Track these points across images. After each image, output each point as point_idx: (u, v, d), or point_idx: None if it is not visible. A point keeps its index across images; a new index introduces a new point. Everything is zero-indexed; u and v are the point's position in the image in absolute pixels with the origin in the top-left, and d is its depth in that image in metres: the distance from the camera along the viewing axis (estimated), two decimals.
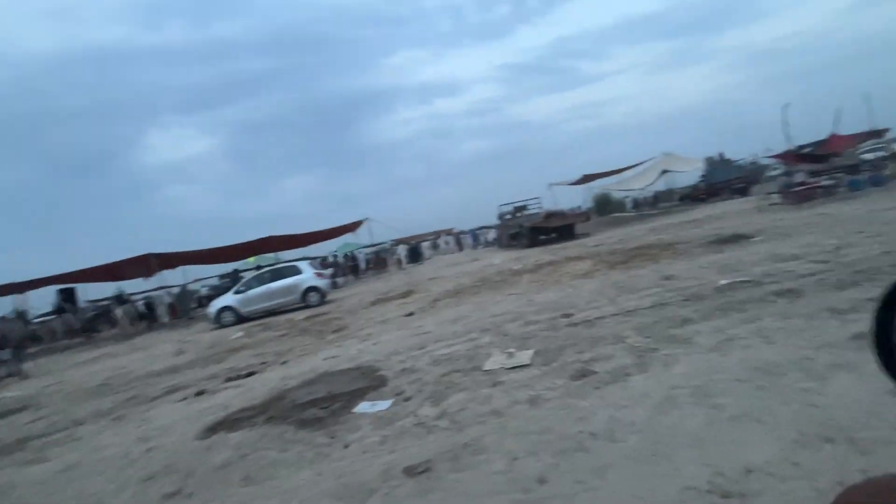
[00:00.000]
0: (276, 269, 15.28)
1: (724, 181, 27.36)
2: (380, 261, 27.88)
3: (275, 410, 4.28)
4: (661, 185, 29.52)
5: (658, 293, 5.83)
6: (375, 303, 11.65)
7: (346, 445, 3.22)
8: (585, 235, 19.52)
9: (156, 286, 20.24)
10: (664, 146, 34.27)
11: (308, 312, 12.65)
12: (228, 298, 14.30)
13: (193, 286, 24.10)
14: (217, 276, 25.53)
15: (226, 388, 5.70)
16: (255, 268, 19.08)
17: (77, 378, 9.24)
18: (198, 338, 12.32)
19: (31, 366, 12.72)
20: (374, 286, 17.56)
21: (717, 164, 29.92)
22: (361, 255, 29.10)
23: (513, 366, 4.12)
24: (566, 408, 3.09)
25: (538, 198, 23.51)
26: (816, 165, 19.49)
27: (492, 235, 31.28)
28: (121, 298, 19.23)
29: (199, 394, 5.66)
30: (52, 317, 20.38)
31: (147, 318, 19.80)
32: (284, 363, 6.54)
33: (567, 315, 5.66)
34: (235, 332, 11.41)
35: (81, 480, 3.63)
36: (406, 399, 3.88)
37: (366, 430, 3.40)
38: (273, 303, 14.16)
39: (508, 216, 23.94)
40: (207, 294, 22.92)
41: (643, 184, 27.85)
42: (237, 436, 3.84)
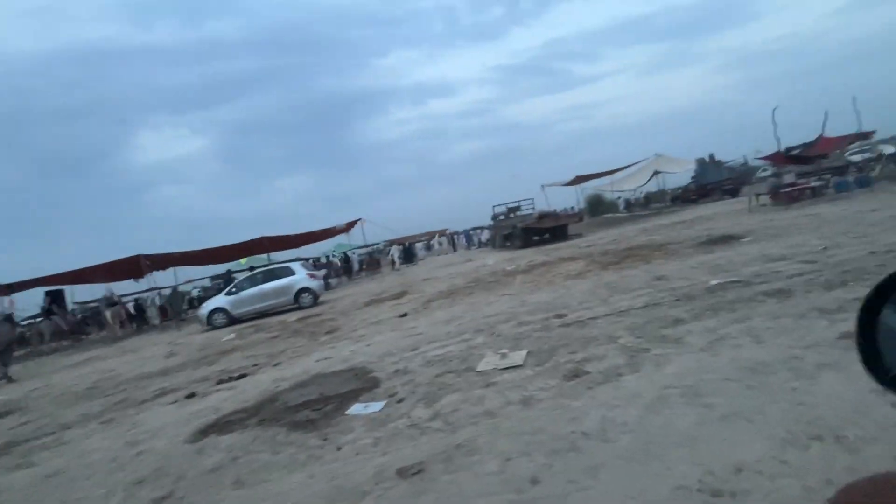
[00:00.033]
0: (269, 271, 15.19)
1: (715, 182, 27.70)
2: (373, 262, 27.84)
3: (267, 413, 4.25)
4: (653, 186, 29.77)
5: (650, 293, 5.88)
6: (369, 304, 11.62)
7: (339, 447, 3.20)
8: (578, 236, 19.62)
9: (146, 288, 20.06)
10: (656, 147, 34.59)
11: (301, 314, 12.58)
12: (220, 300, 14.20)
13: (185, 287, 23.90)
14: (209, 278, 25.35)
15: (217, 391, 5.65)
16: (249, 269, 18.93)
17: (65, 381, 9.12)
18: (189, 340, 12.20)
19: (18, 369, 12.52)
20: (368, 287, 17.51)
21: (708, 166, 30.30)
22: (355, 256, 29.05)
23: (506, 366, 4.13)
24: (559, 408, 3.10)
25: (531, 199, 23.65)
26: (805, 167, 19.79)
27: (485, 236, 31.40)
28: (110, 300, 19.00)
29: (190, 396, 5.60)
30: (40, 319, 20.11)
31: (137, 320, 19.61)
32: (277, 365, 6.49)
33: (560, 315, 5.69)
34: (227, 334, 11.32)
35: (69, 485, 3.57)
36: (399, 400, 3.87)
37: (359, 432, 3.39)
38: (265, 304, 14.08)
39: (502, 217, 24.03)
40: (199, 295, 22.74)
41: (635, 185, 28.12)
42: (228, 438, 3.80)
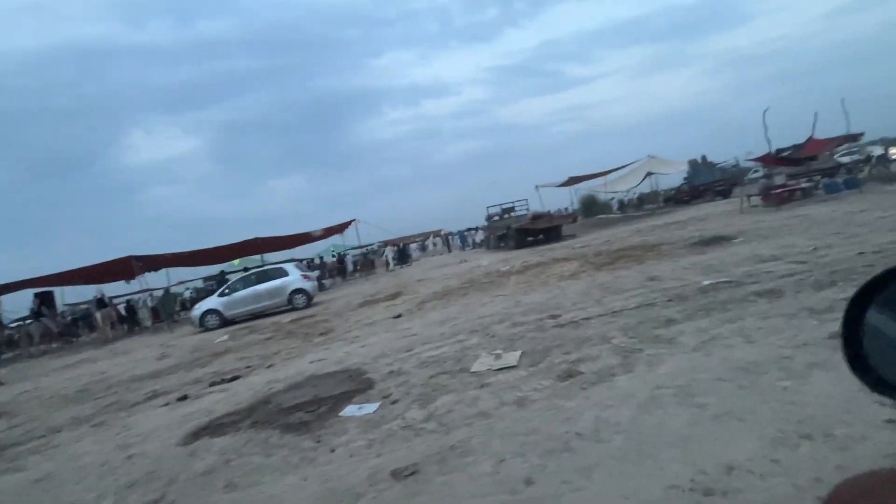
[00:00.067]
0: (262, 271, 15.08)
1: (707, 183, 27.94)
2: (367, 262, 27.77)
3: (260, 415, 4.23)
4: (646, 187, 29.95)
5: (643, 294, 5.91)
6: (363, 305, 11.58)
7: (333, 449, 3.19)
8: (572, 237, 19.69)
9: (138, 289, 19.86)
10: (649, 148, 34.90)
11: (294, 315, 12.52)
12: (213, 301, 14.08)
13: (177, 289, 23.69)
14: (202, 279, 25.16)
15: (210, 393, 5.60)
16: (243, 270, 18.81)
17: (55, 384, 9.00)
18: (181, 342, 12.10)
19: (6, 372, 12.35)
20: (362, 288, 17.47)
21: (700, 167, 30.56)
22: (349, 257, 28.97)
23: (500, 367, 4.14)
24: (553, 409, 3.11)
25: (525, 199, 23.71)
26: (795, 168, 20.02)
27: (480, 237, 31.41)
28: (101, 302, 18.77)
29: (182, 399, 5.56)
30: (29, 321, 19.83)
31: (128, 322, 19.40)
32: (270, 367, 6.46)
33: (554, 316, 5.70)
34: (220, 336, 11.24)
35: (59, 490, 3.53)
36: (393, 402, 3.86)
37: (352, 434, 3.38)
38: (259, 305, 13.99)
39: (496, 218, 24.07)
40: (191, 297, 22.56)
41: (628, 186, 28.23)
42: (221, 441, 3.78)
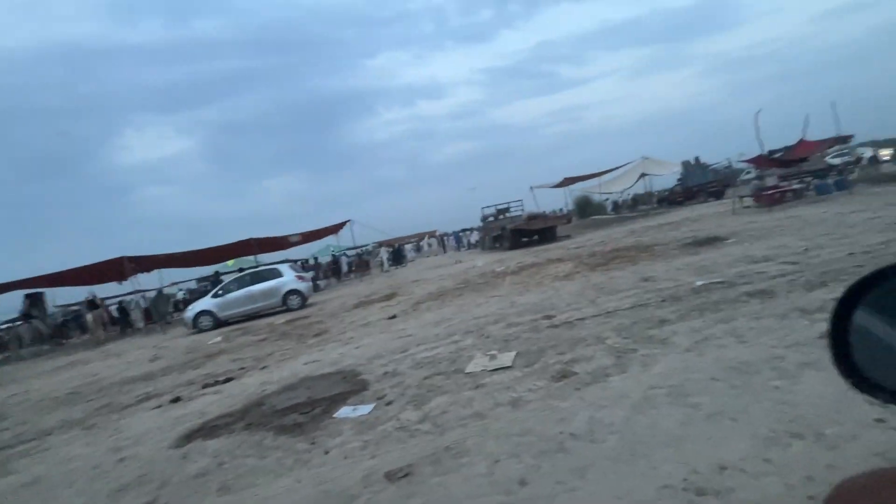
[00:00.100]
0: (256, 272, 15.00)
1: (700, 184, 28.18)
2: (362, 263, 27.69)
3: (254, 417, 4.20)
4: (640, 188, 30.12)
5: (637, 294, 5.94)
6: (357, 306, 11.55)
7: (327, 451, 3.18)
8: (566, 237, 19.76)
9: (130, 290, 19.68)
10: (643, 149, 35.05)
11: (289, 316, 12.47)
12: (206, 302, 13.99)
13: (170, 290, 23.48)
14: (195, 280, 24.97)
15: (203, 395, 5.56)
16: (238, 270, 18.69)
17: (45, 386, 8.90)
18: (174, 343, 12.01)
19: None
20: (357, 289, 17.42)
21: (694, 168, 30.83)
22: (344, 258, 28.88)
23: (495, 368, 4.14)
24: (547, 409, 3.11)
25: (520, 200, 23.77)
26: (787, 170, 20.21)
27: (475, 238, 31.46)
28: (92, 303, 18.58)
29: (175, 401, 5.51)
30: (19, 323, 19.61)
31: (120, 324, 19.23)
32: (264, 368, 6.42)
33: (548, 317, 5.72)
34: (213, 337, 11.17)
35: (49, 493, 3.49)
36: (388, 403, 3.85)
37: (347, 436, 3.37)
38: (253, 306, 13.91)
39: (491, 218, 24.12)
40: (184, 298, 22.38)
41: (622, 186, 28.38)
42: (214, 443, 3.75)
